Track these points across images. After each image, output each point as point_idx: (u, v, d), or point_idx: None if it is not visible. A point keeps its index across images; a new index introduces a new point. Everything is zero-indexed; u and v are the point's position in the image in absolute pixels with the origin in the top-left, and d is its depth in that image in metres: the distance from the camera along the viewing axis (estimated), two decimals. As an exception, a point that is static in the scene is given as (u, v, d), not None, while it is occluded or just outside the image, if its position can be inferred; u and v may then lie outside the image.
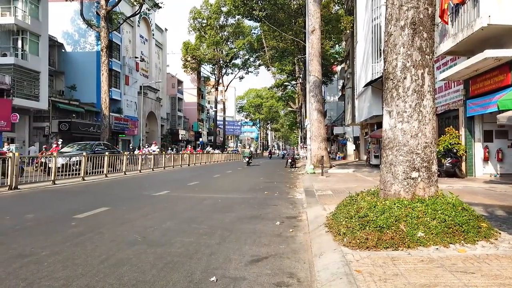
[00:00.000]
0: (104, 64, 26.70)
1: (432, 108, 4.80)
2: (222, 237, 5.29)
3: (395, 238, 4.03)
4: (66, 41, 39.16)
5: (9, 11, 28.11)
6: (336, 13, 35.43)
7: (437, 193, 4.78)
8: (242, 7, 33.07)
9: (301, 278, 3.66)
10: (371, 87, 20.58)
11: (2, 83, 26.12)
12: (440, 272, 3.29)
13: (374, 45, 20.67)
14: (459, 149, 13.63)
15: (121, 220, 6.42)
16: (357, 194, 5.57)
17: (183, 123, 64.91)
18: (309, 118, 20.90)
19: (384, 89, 5.06)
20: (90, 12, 36.68)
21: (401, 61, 4.79)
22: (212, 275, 3.67)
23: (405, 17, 4.79)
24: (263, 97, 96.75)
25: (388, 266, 3.47)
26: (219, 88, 64.99)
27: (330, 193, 9.46)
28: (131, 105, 44.87)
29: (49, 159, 13.85)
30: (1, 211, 7.60)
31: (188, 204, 8.37)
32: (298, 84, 49.49)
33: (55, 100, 32.94)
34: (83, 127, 34.36)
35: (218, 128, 74.10)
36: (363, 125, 31.56)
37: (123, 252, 4.47)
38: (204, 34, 57.07)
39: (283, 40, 40.57)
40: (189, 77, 67.87)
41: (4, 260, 4.12)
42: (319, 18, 21.44)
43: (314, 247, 4.60)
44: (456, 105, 14.36)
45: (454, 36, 11.50)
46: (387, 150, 4.93)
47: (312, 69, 21.06)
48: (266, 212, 7.45)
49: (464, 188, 10.10)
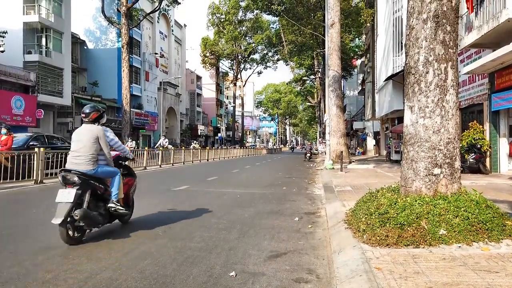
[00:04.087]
0: (125, 61, 27.11)
1: (455, 103, 4.69)
2: (241, 232, 5.33)
3: (416, 235, 3.97)
4: (88, 38, 39.94)
5: (34, 10, 28.85)
6: (356, 6, 34.88)
7: (460, 190, 4.68)
8: (260, 1, 33.03)
9: (320, 275, 3.66)
10: (392, 81, 20.21)
11: (27, 80, 26.90)
12: (463, 271, 3.22)
13: (395, 38, 20.27)
14: (483, 144, 13.27)
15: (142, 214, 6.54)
16: (377, 191, 5.50)
17: (202, 118, 65.44)
18: (328, 113, 20.71)
19: (406, 84, 4.96)
20: (111, 9, 37.25)
21: (423, 55, 4.69)
22: (231, 270, 3.71)
23: (428, 10, 4.68)
24: (281, 92, 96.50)
25: (409, 263, 3.43)
26: (237, 83, 65.12)
27: (349, 189, 9.38)
28: (151, 100, 45.48)
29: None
30: (27, 204, 7.86)
31: (207, 199, 8.45)
32: (317, 79, 49.08)
33: (78, 96, 33.69)
34: (105, 123, 35.00)
35: (237, 123, 74.32)
36: (383, 120, 31.07)
37: (145, 246, 4.56)
38: (223, 29, 57.17)
39: (302, 34, 40.25)
40: (208, 73, 68.28)
41: (32, 252, 4.27)
42: (338, 12, 21.16)
43: (333, 243, 4.58)
44: (480, 99, 13.97)
45: (479, 28, 11.16)
46: (408, 146, 4.84)
47: (331, 64, 20.83)
48: (285, 207, 7.46)
49: (488, 184, 9.84)
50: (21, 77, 26.58)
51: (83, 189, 4.64)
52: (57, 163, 11.84)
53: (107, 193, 5.02)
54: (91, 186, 4.78)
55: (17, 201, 8.32)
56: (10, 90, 25.94)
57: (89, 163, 4.76)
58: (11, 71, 25.82)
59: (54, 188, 10.54)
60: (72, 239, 4.56)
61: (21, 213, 6.79)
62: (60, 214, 4.38)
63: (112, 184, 5.04)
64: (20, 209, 7.28)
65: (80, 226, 4.65)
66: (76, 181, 4.59)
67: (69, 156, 4.89)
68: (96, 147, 4.85)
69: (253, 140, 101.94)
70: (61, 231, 4.46)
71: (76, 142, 4.86)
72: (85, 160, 4.74)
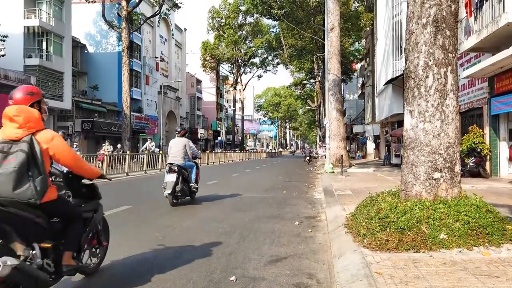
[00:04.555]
0: (125, 64, 27.15)
1: (455, 107, 4.70)
2: (241, 236, 5.32)
3: (416, 240, 3.97)
4: (88, 42, 40.01)
5: (34, 14, 28.90)
6: (356, 10, 35.02)
7: (460, 194, 4.68)
8: (260, 5, 33.08)
9: (321, 279, 3.65)
10: (392, 85, 20.24)
11: (28, 83, 26.94)
12: (463, 275, 3.22)
13: (394, 42, 20.32)
14: (483, 148, 13.26)
15: (142, 219, 6.54)
16: (377, 195, 5.50)
17: (202, 122, 65.42)
18: (328, 116, 20.72)
19: (406, 88, 4.98)
20: (112, 14, 37.35)
21: (423, 60, 4.71)
22: (231, 274, 3.70)
23: (427, 15, 4.70)
24: (281, 95, 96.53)
25: (410, 268, 3.42)
26: (237, 87, 65.19)
27: (349, 193, 9.37)
28: (151, 104, 45.51)
29: None
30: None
31: (207, 203, 8.44)
32: (317, 83, 49.13)
33: (78, 100, 33.70)
34: (105, 126, 35.04)
35: (237, 127, 74.35)
36: (383, 124, 31.09)
37: (144, 250, 4.55)
38: (223, 33, 57.28)
39: (302, 38, 40.32)
40: (208, 76, 68.35)
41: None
42: (338, 16, 21.22)
43: (333, 248, 4.57)
44: (480, 103, 13.98)
45: (478, 32, 11.19)
46: (408, 150, 4.85)
47: (331, 67, 20.87)
48: (285, 211, 7.45)
49: (489, 188, 9.83)
50: (22, 81, 26.59)
51: (179, 174, 7.75)
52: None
53: (189, 177, 8.27)
54: (182, 173, 7.95)
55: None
56: (11, 94, 25.97)
57: (181, 159, 8.10)
58: (11, 75, 25.85)
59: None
60: (173, 203, 7.80)
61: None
62: (169, 188, 7.64)
63: (191, 172, 8.41)
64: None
65: (178, 195, 7.89)
66: (176, 170, 7.79)
67: (169, 155, 8.28)
68: (184, 151, 8.18)
69: (253, 144, 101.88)
70: (169, 199, 7.75)
71: (173, 147, 8.23)
72: (179, 158, 8.09)
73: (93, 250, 3.60)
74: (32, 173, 2.69)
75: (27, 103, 2.89)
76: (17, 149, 2.68)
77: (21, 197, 2.63)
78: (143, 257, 4.30)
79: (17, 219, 2.69)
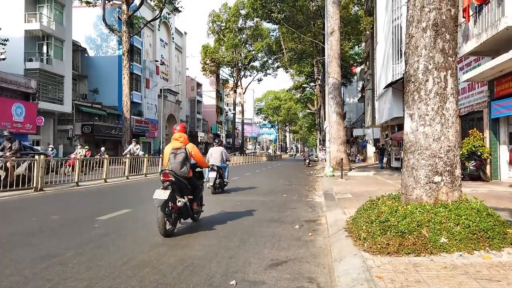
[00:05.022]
0: (126, 68, 27.21)
1: (455, 110, 4.70)
2: (242, 240, 5.31)
3: (417, 243, 3.96)
4: (89, 45, 40.11)
5: (35, 18, 28.99)
6: (356, 14, 35.09)
7: (461, 197, 4.67)
8: (260, 9, 33.17)
9: (321, 283, 3.64)
10: (392, 88, 20.25)
11: (28, 87, 26.97)
12: (464, 280, 3.21)
13: (394, 46, 20.36)
14: (483, 151, 13.27)
15: (142, 222, 6.52)
16: (377, 198, 5.49)
17: (202, 125, 65.47)
18: (328, 120, 20.73)
19: (406, 92, 4.98)
20: (112, 17, 37.47)
21: (423, 64, 4.71)
22: (231, 278, 3.69)
23: (427, 19, 4.71)
24: (281, 99, 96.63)
25: (410, 272, 3.41)
26: (237, 91, 65.26)
27: (349, 197, 9.36)
28: (151, 107, 45.55)
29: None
30: (28, 212, 7.84)
31: (207, 207, 8.40)
32: (316, 86, 49.19)
33: (78, 104, 33.75)
34: (105, 130, 35.06)
35: (237, 130, 74.36)
36: (383, 127, 31.10)
37: (145, 254, 4.54)
38: (223, 37, 57.43)
39: (302, 42, 40.43)
40: (208, 80, 68.45)
41: (32, 260, 4.25)
42: (338, 20, 21.27)
43: (334, 251, 4.56)
44: (480, 106, 13.99)
45: (478, 36, 11.22)
46: (408, 153, 4.85)
47: (331, 71, 20.90)
48: (285, 215, 7.43)
49: (489, 192, 9.82)
50: (22, 85, 26.65)
51: (217, 172, 10.70)
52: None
53: (223, 174, 11.19)
54: (219, 171, 10.85)
55: (22, 209, 8.30)
56: (11, 98, 25.98)
57: (219, 161, 11.11)
58: (12, 78, 25.90)
59: (53, 196, 10.55)
60: (214, 192, 10.64)
61: (24, 219, 6.76)
62: (211, 181, 10.44)
63: (225, 170, 11.36)
64: (23, 216, 7.26)
65: (217, 187, 10.80)
66: (215, 169, 10.67)
67: (210, 159, 11.08)
68: (221, 156, 11.25)
69: (253, 147, 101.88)
70: (211, 189, 10.48)
71: (213, 153, 11.30)
72: (218, 160, 11.09)
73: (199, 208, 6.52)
74: (186, 163, 5.64)
75: (183, 131, 5.95)
76: (180, 152, 5.68)
77: (182, 173, 5.59)
78: (143, 259, 4.29)
79: (180, 184, 5.59)
